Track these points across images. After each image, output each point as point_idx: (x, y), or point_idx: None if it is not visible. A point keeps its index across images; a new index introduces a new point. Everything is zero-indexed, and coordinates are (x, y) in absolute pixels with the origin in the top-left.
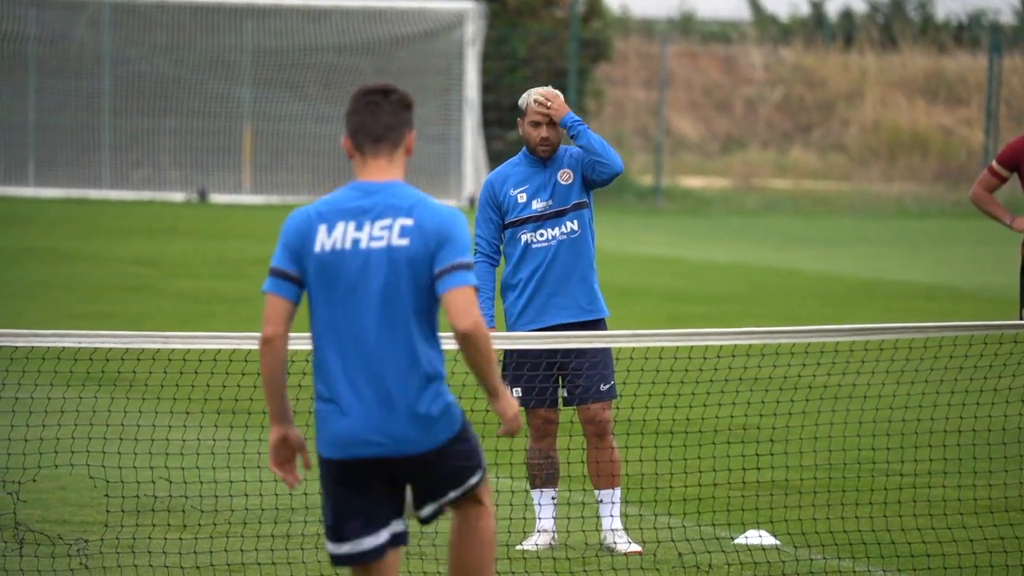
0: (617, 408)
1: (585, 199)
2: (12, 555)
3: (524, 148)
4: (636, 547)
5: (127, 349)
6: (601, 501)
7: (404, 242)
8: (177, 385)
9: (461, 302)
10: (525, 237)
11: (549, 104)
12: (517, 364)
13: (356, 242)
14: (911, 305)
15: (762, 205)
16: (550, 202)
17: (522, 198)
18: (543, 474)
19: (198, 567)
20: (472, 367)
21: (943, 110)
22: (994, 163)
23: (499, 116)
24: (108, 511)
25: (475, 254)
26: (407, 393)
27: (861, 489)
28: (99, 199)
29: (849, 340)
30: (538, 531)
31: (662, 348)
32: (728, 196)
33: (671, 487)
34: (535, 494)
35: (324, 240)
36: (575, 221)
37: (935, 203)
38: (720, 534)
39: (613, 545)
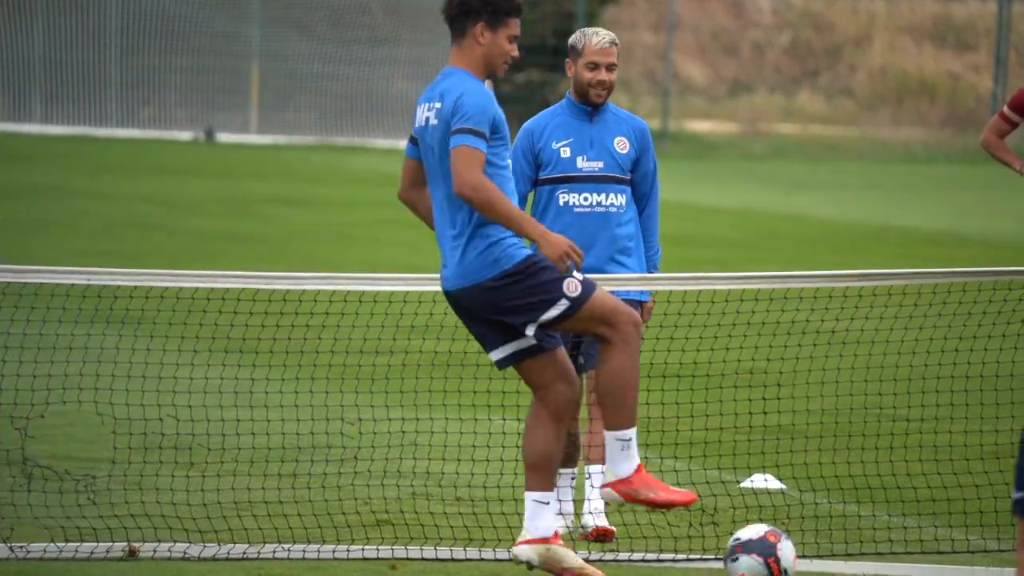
0: None
1: (631, 179)
2: (20, 490)
3: (568, 96)
4: (612, 527)
5: (135, 287)
6: (590, 475)
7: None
8: (185, 323)
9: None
10: (565, 198)
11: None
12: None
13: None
14: (918, 251)
15: (769, 149)
16: (600, 164)
17: (565, 152)
18: (564, 453)
19: (205, 504)
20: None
21: (951, 56)
22: (1005, 109)
23: None
24: (116, 448)
25: None
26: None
27: (867, 434)
28: (106, 137)
29: (857, 285)
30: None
31: (670, 292)
32: (735, 140)
33: (678, 431)
34: None
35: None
36: (622, 196)
37: (942, 149)
38: (726, 478)
39: (591, 525)
